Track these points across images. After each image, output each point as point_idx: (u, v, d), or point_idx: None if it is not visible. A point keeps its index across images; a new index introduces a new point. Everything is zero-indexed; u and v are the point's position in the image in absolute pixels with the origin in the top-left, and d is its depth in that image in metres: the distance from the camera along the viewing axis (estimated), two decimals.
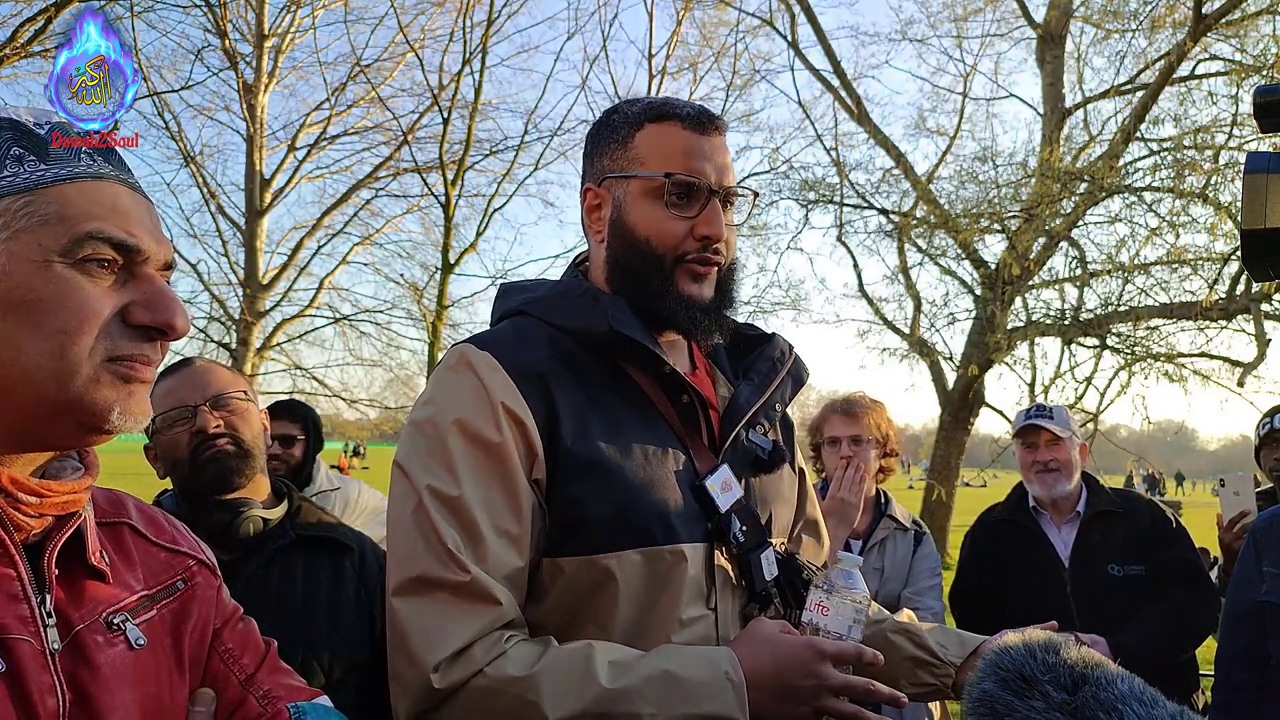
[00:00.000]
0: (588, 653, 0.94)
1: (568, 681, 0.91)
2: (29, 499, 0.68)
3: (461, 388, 1.02)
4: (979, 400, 9.98)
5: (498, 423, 0.99)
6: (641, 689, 0.91)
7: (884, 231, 11.13)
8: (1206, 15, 7.81)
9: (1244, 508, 2.51)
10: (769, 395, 1.17)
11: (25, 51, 6.57)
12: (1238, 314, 7.93)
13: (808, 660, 0.96)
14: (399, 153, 12.12)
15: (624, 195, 1.10)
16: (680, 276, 1.09)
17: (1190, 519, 2.89)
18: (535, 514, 1.00)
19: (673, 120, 1.10)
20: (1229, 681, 1.91)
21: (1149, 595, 2.33)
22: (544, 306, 1.12)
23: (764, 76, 12.80)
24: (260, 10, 11.40)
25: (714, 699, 0.93)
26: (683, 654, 0.97)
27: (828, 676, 0.96)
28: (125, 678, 0.73)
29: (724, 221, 1.09)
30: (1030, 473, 2.51)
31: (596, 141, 1.16)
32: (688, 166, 1.07)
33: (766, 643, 0.99)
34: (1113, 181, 8.35)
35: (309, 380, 12.26)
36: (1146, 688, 0.67)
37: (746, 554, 1.07)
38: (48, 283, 0.67)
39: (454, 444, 0.99)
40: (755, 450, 1.15)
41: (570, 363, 1.07)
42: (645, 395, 1.09)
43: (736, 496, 1.08)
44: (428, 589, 0.94)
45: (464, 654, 0.92)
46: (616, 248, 1.11)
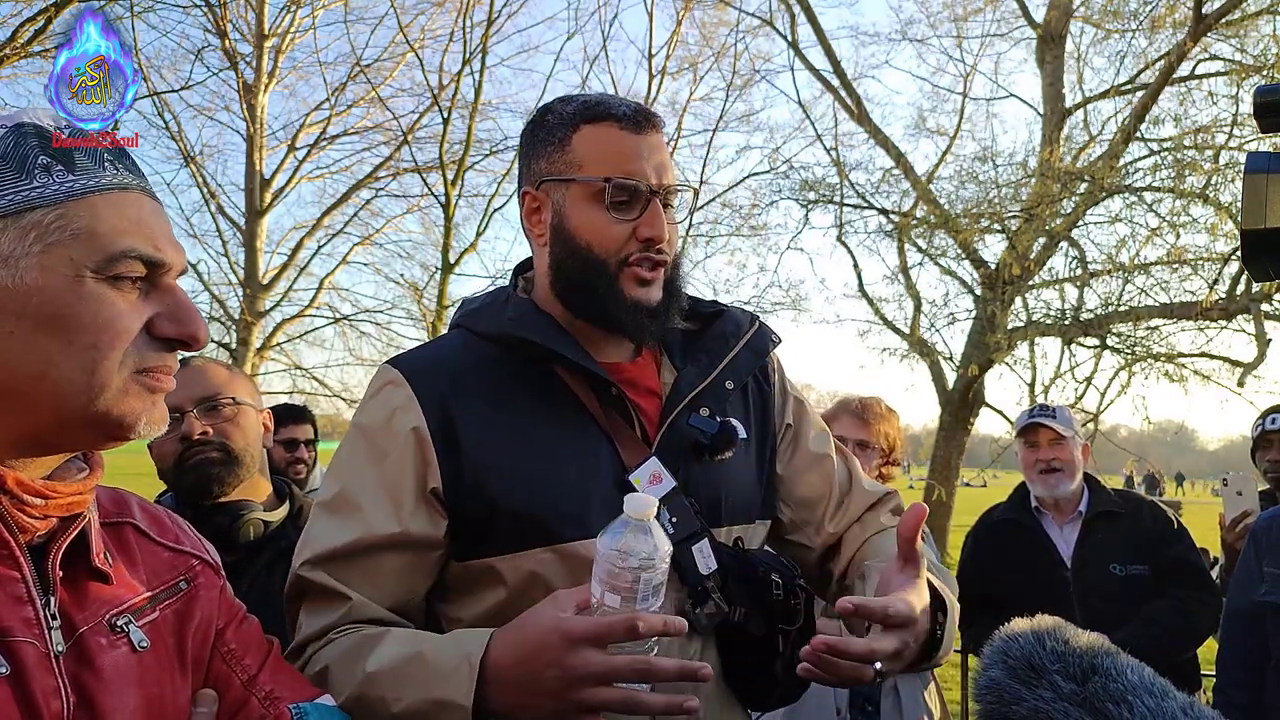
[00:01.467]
0: (379, 639, 0.95)
1: (347, 668, 0.94)
2: (34, 500, 0.69)
3: (373, 404, 1.08)
4: (979, 400, 9.98)
5: (393, 435, 1.04)
6: (391, 671, 0.90)
7: (884, 231, 11.14)
8: (1206, 15, 7.81)
9: (1246, 507, 2.50)
10: (716, 375, 1.13)
11: (25, 51, 6.57)
12: (1238, 314, 7.93)
13: (551, 647, 0.82)
14: (399, 153, 12.12)
15: (563, 199, 1.09)
16: (625, 280, 1.07)
17: (1189, 519, 2.89)
18: (427, 520, 1.03)
19: (609, 121, 1.08)
20: (1230, 681, 1.91)
21: (1151, 595, 2.33)
22: (472, 318, 1.15)
23: (764, 76, 12.79)
24: (260, 10, 11.40)
25: (446, 684, 0.86)
26: (449, 637, 0.96)
27: (577, 664, 0.81)
28: (128, 680, 0.73)
29: (665, 221, 1.08)
30: (1033, 472, 2.50)
31: (532, 143, 1.14)
32: (626, 169, 1.06)
33: (519, 625, 0.87)
34: (1113, 181, 8.36)
35: (309, 380, 12.26)
36: (1156, 678, 0.67)
37: (677, 546, 1.00)
38: (80, 298, 0.67)
39: (348, 453, 1.07)
40: (696, 435, 1.09)
41: (492, 372, 1.08)
42: (573, 394, 1.09)
43: (668, 489, 1.05)
44: (295, 597, 1.04)
45: (299, 649, 1.00)
46: (559, 253, 1.10)
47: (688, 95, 13.14)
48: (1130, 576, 2.36)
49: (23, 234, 0.66)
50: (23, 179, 0.67)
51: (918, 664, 0.97)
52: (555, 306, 1.12)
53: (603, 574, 0.83)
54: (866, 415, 2.37)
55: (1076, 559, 2.41)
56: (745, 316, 1.21)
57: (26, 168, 0.67)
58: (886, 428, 2.38)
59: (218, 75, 11.28)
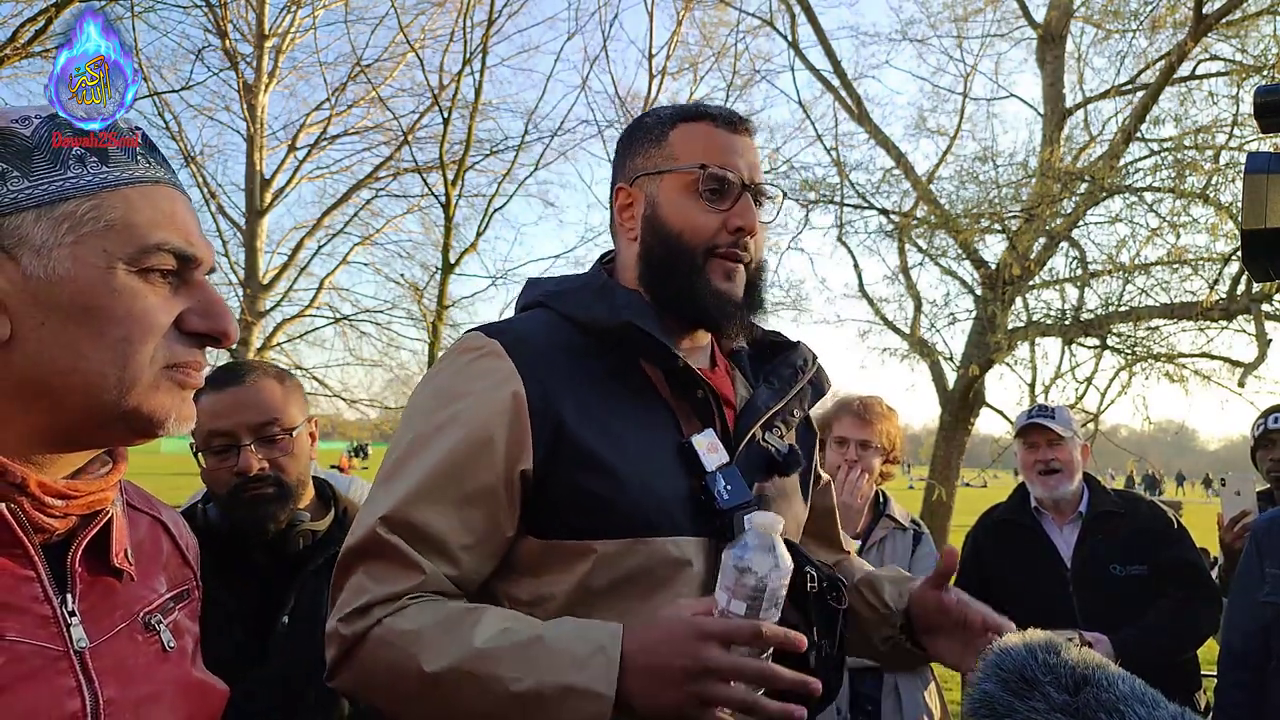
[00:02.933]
0: (479, 614, 0.95)
1: (447, 638, 0.93)
2: (55, 502, 0.68)
3: (466, 371, 1.05)
4: (979, 400, 9.98)
5: (493, 409, 1.02)
6: (511, 651, 0.91)
7: (884, 231, 11.13)
8: (1207, 15, 7.81)
9: (1245, 507, 2.51)
10: (788, 400, 1.18)
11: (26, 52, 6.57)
12: (1238, 314, 7.92)
13: (683, 639, 0.87)
14: (399, 153, 12.12)
15: (657, 191, 1.13)
16: (712, 269, 1.10)
17: (1188, 519, 2.89)
18: (503, 500, 1.02)
19: (705, 120, 1.13)
20: (1230, 681, 1.90)
21: (1151, 595, 2.33)
22: (561, 299, 1.14)
23: (764, 77, 12.80)
24: (260, 10, 11.40)
25: (582, 671, 0.88)
26: (570, 625, 0.95)
27: (707, 658, 0.86)
28: (165, 675, 0.74)
29: (756, 216, 1.11)
30: (1032, 473, 2.50)
31: (629, 143, 1.18)
32: (721, 160, 1.11)
33: (655, 622, 0.92)
34: (1113, 182, 8.35)
35: (309, 380, 12.26)
36: (1148, 689, 0.67)
37: (728, 513, 1.04)
38: (112, 290, 0.67)
39: (435, 420, 1.03)
40: (770, 452, 1.14)
41: (579, 355, 1.08)
42: (656, 390, 1.10)
43: (723, 460, 1.08)
44: (360, 554, 1.01)
45: (365, 610, 0.98)
46: (650, 243, 1.13)
47: (688, 95, 13.15)
48: (1130, 577, 2.36)
49: (55, 224, 0.66)
50: (56, 169, 0.67)
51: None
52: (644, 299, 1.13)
53: (729, 583, 0.89)
54: (868, 415, 2.38)
55: (1076, 559, 2.41)
56: (810, 353, 1.26)
57: (61, 158, 0.67)
58: (888, 427, 2.39)
59: (218, 75, 11.28)
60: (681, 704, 0.87)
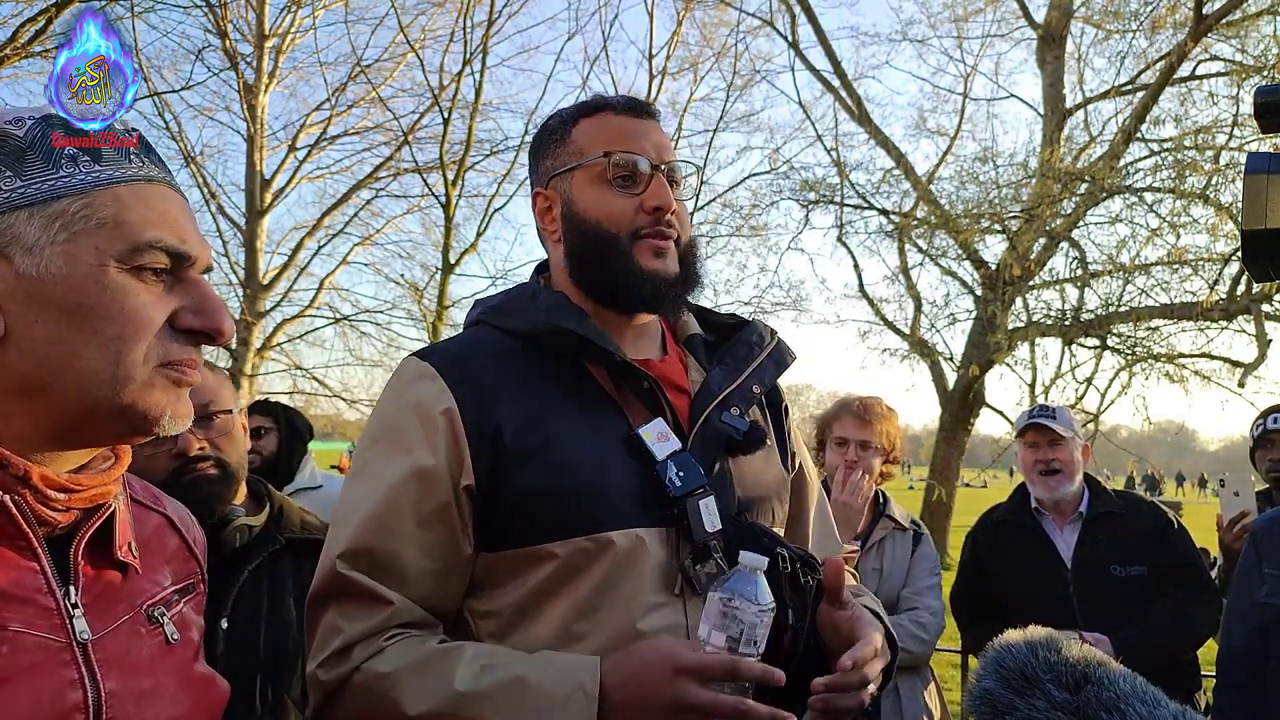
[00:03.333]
0: (457, 654, 0.95)
1: (425, 680, 0.93)
2: (58, 495, 0.69)
3: (402, 399, 1.06)
4: (979, 401, 9.98)
5: (430, 433, 1.02)
6: (492, 694, 0.91)
7: (884, 232, 11.14)
8: (1207, 16, 7.81)
9: (1244, 508, 2.50)
10: (744, 378, 1.16)
11: (26, 52, 6.57)
12: (1238, 314, 7.93)
13: (660, 674, 0.89)
14: (399, 153, 12.12)
15: (570, 188, 1.13)
16: (639, 252, 1.09)
17: (1187, 520, 2.88)
18: (456, 520, 1.02)
19: (605, 111, 1.14)
20: (1230, 682, 1.90)
21: (1151, 596, 2.32)
22: (496, 313, 1.15)
23: (764, 77, 12.80)
24: (261, 10, 11.40)
25: (564, 710, 0.89)
26: (549, 662, 0.95)
27: (684, 694, 0.87)
28: (167, 667, 0.74)
29: (671, 195, 1.10)
30: (1033, 473, 2.50)
31: (537, 148, 1.19)
32: (625, 146, 1.10)
33: (633, 653, 0.93)
34: (1113, 182, 8.35)
35: (309, 380, 12.27)
36: (1149, 687, 0.66)
37: (682, 499, 1.03)
38: (104, 288, 0.67)
39: (379, 452, 1.05)
40: (729, 431, 1.11)
41: (516, 364, 1.08)
42: (601, 387, 1.10)
43: (674, 447, 1.06)
44: (326, 596, 1.01)
45: (344, 653, 0.97)
46: (572, 239, 1.13)
47: (688, 96, 13.14)
48: (1130, 577, 2.35)
49: (48, 223, 0.66)
50: (49, 169, 0.67)
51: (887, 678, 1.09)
52: (578, 298, 1.13)
53: (712, 616, 0.90)
54: (868, 415, 2.37)
55: (1077, 560, 2.40)
56: (767, 329, 1.24)
57: (53, 158, 0.67)
58: (888, 427, 2.39)
59: (218, 75, 11.29)
60: None
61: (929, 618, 2.31)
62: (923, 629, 2.29)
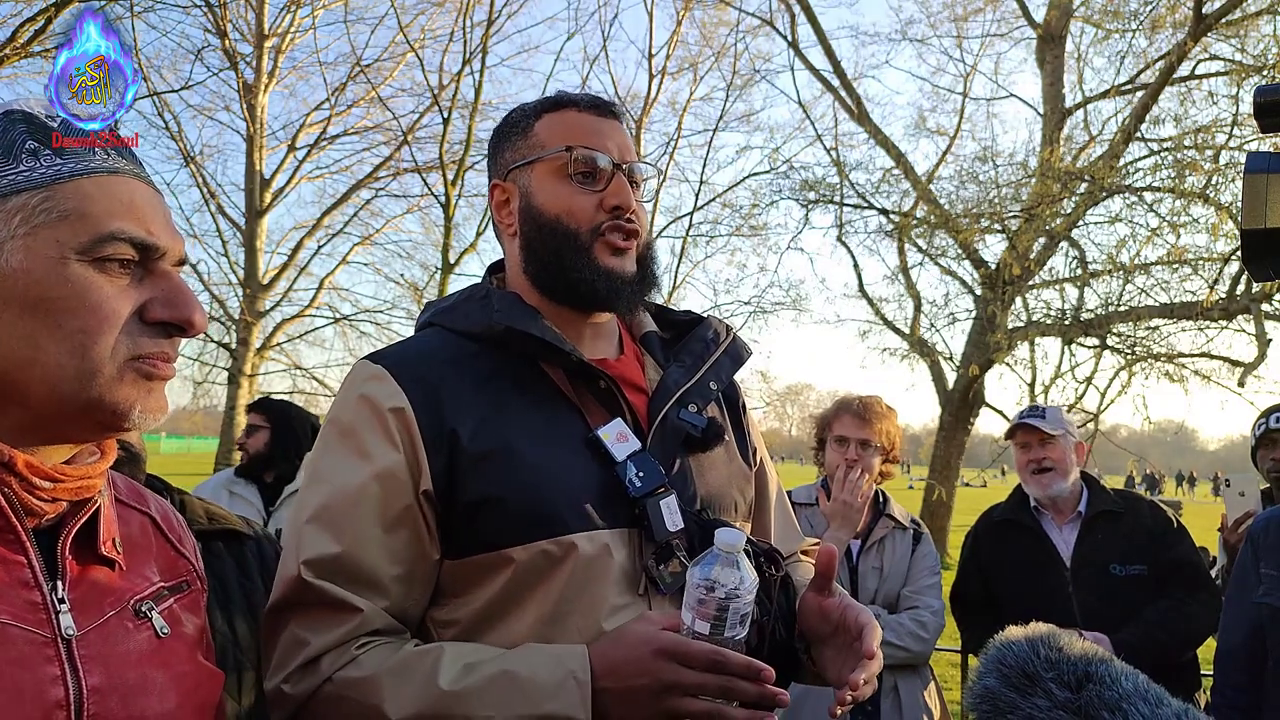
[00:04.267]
0: (437, 654, 0.94)
1: (409, 683, 0.91)
2: (43, 484, 0.68)
3: (354, 402, 1.04)
4: (979, 400, 9.98)
5: (385, 434, 1.00)
6: (481, 689, 0.90)
7: (884, 231, 11.13)
8: (1207, 15, 7.81)
9: (1249, 508, 2.50)
10: (701, 375, 1.15)
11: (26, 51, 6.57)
12: (1238, 314, 7.92)
13: (643, 658, 0.89)
14: (399, 153, 12.13)
15: (530, 181, 1.11)
16: (598, 250, 1.08)
17: (1187, 519, 2.89)
18: (419, 523, 1.00)
19: (569, 107, 1.12)
20: (1228, 681, 1.90)
21: (1151, 595, 2.32)
22: (447, 315, 1.13)
23: (764, 76, 12.83)
24: (260, 10, 11.40)
25: (555, 699, 0.89)
26: (534, 654, 0.94)
27: (667, 675, 0.88)
28: (153, 664, 0.73)
29: (632, 194, 1.10)
30: (1026, 473, 2.50)
31: (498, 140, 1.17)
32: (587, 142, 1.09)
33: (618, 639, 0.93)
34: (1113, 181, 8.35)
35: (309, 380, 12.27)
36: (1151, 685, 0.65)
37: (642, 500, 1.02)
38: (65, 281, 0.66)
39: (335, 457, 1.02)
40: (686, 428, 1.11)
41: (470, 366, 1.06)
42: (558, 388, 1.08)
43: (634, 447, 1.05)
44: (288, 607, 0.98)
45: (312, 664, 0.95)
46: (529, 234, 1.11)
47: (688, 95, 13.16)
48: (1130, 577, 2.35)
49: (7, 218, 0.66)
50: (9, 164, 0.67)
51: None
52: (533, 296, 1.11)
53: (693, 602, 0.90)
54: (867, 414, 2.38)
55: (1076, 559, 2.41)
56: (723, 325, 1.23)
57: (13, 153, 0.67)
58: (887, 426, 2.39)
59: (218, 75, 11.30)
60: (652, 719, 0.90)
61: (929, 617, 2.32)
62: (923, 628, 2.29)
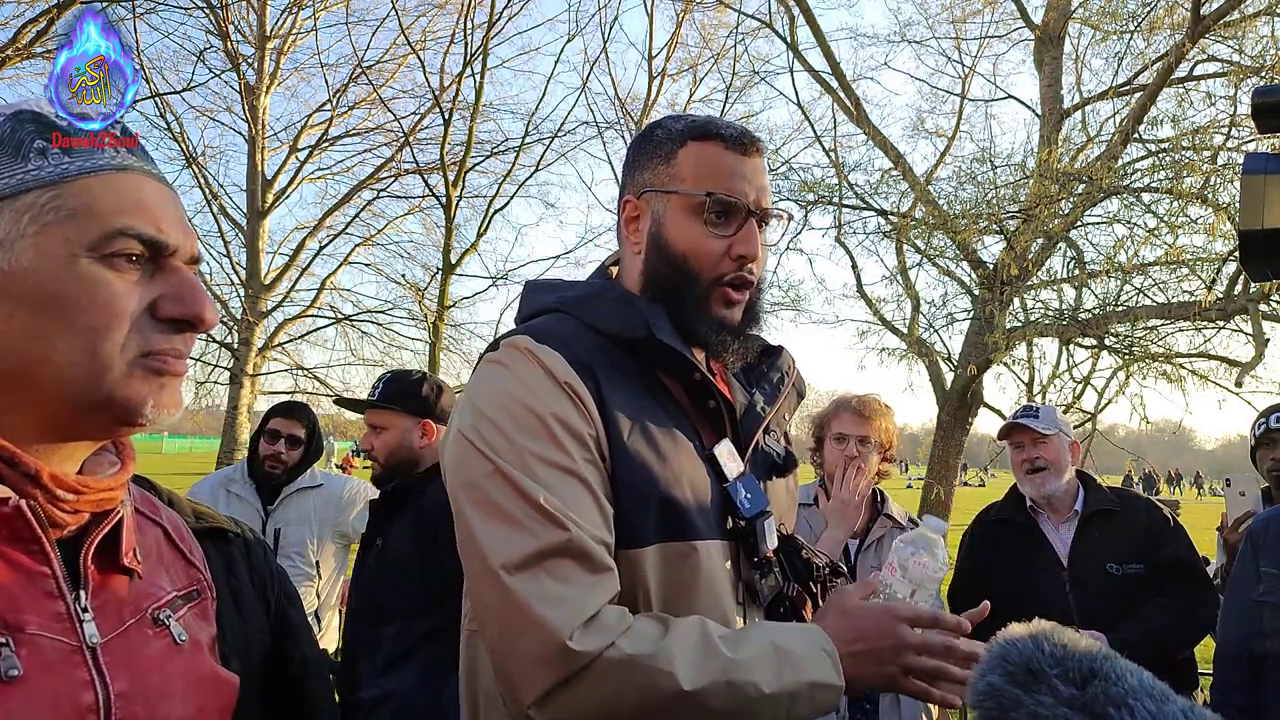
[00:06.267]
0: (702, 628, 0.98)
1: (695, 653, 0.95)
2: (68, 496, 0.69)
3: (530, 375, 1.02)
4: (977, 400, 9.98)
5: (578, 411, 1.01)
6: (758, 659, 0.97)
7: (883, 232, 11.14)
8: (1205, 16, 7.82)
9: (1249, 508, 2.50)
10: (779, 405, 1.23)
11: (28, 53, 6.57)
12: (1236, 314, 7.93)
13: (884, 623, 1.05)
14: (400, 154, 12.13)
15: (664, 210, 1.13)
16: (715, 299, 1.12)
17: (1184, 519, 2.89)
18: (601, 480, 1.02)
19: (715, 140, 1.13)
20: (1228, 680, 1.91)
21: (1148, 594, 2.33)
22: (579, 306, 1.14)
23: (763, 78, 12.80)
24: (262, 12, 11.40)
25: (818, 668, 1.00)
26: (780, 629, 1.04)
27: (905, 636, 1.04)
28: (174, 670, 0.75)
29: (760, 242, 1.13)
30: (1020, 473, 2.51)
31: (639, 155, 1.18)
32: (728, 186, 1.11)
33: (849, 613, 1.08)
34: (1111, 182, 8.36)
35: (310, 380, 12.27)
36: (1156, 682, 0.65)
37: (751, 520, 1.11)
38: (76, 279, 0.66)
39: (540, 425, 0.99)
40: (773, 456, 1.21)
41: (613, 361, 1.10)
42: (675, 399, 1.14)
43: (740, 469, 1.13)
44: (543, 559, 0.93)
45: (596, 620, 0.92)
46: (654, 261, 1.14)
47: (688, 97, 13.17)
48: (1127, 576, 2.36)
49: (17, 216, 0.66)
50: (18, 162, 0.67)
51: None
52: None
53: (898, 568, 1.12)
54: (867, 411, 2.39)
55: (1073, 558, 2.41)
56: (791, 358, 1.30)
57: (22, 152, 0.67)
58: (885, 423, 2.40)
59: (220, 77, 11.30)
60: (890, 676, 1.05)
61: None
62: None
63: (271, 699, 1.30)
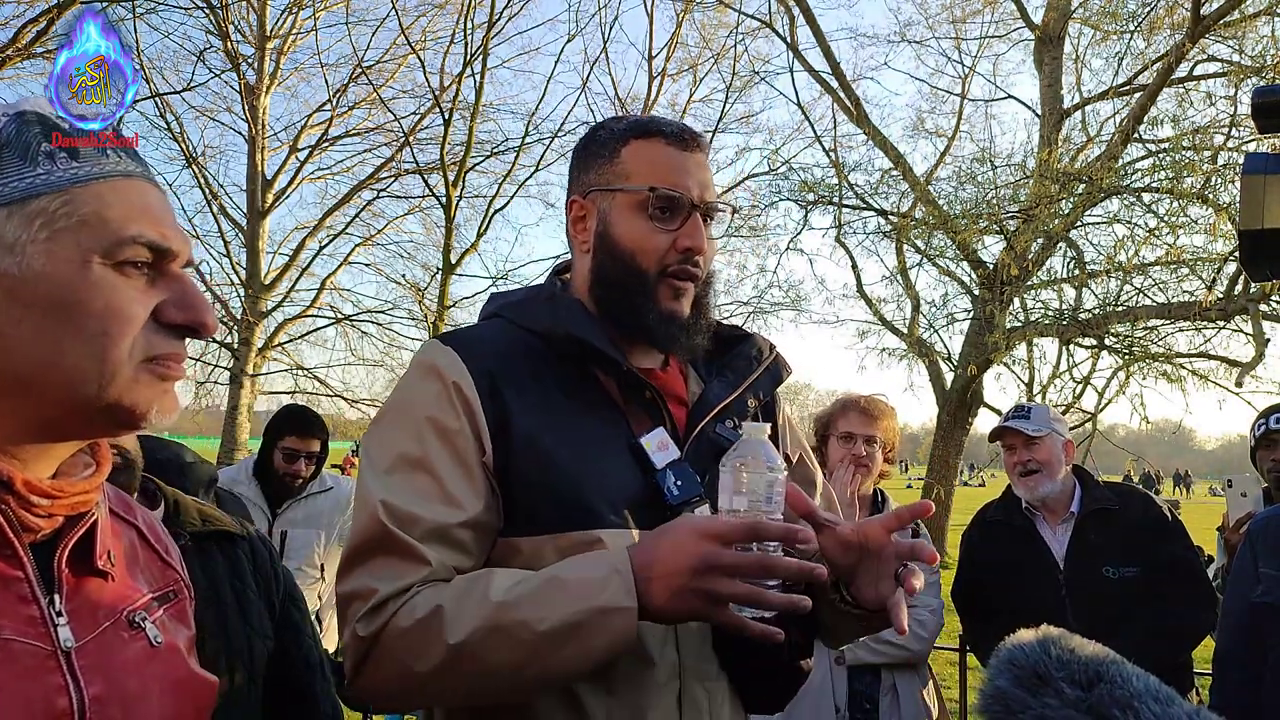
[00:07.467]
0: (487, 577, 0.97)
1: (463, 605, 0.94)
2: (41, 501, 0.69)
3: (423, 374, 1.09)
4: (977, 400, 9.99)
5: (450, 403, 1.05)
6: (528, 597, 0.93)
7: (883, 232, 11.15)
8: (1205, 16, 7.82)
9: (1250, 509, 2.49)
10: (741, 391, 1.20)
11: (28, 53, 6.58)
12: (1236, 314, 7.93)
13: (681, 540, 0.91)
14: (400, 154, 12.14)
15: (609, 208, 1.15)
16: (661, 291, 1.13)
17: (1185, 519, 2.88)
18: (486, 492, 1.04)
19: (657, 136, 1.15)
20: (1226, 681, 1.91)
21: (1145, 597, 2.29)
22: (514, 310, 1.18)
23: (763, 78, 12.82)
24: (262, 12, 11.41)
25: (604, 592, 0.92)
26: (578, 560, 0.98)
27: (711, 556, 0.89)
28: (150, 673, 0.74)
29: (705, 235, 1.13)
30: (1014, 475, 2.48)
31: (583, 156, 1.20)
32: (671, 181, 1.12)
33: (659, 532, 0.96)
34: (1111, 182, 8.36)
35: (310, 380, 12.28)
36: (1162, 685, 0.66)
37: (678, 509, 1.07)
38: (89, 285, 0.67)
39: (407, 418, 1.07)
40: (723, 443, 1.15)
41: (532, 361, 1.11)
42: (607, 394, 1.13)
43: (673, 456, 1.10)
44: (361, 554, 1.01)
45: (381, 607, 0.98)
46: (601, 259, 1.15)
47: (688, 97, 13.19)
48: (1124, 579, 2.31)
49: (28, 221, 0.66)
50: (27, 166, 0.67)
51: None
52: (595, 309, 1.16)
53: (729, 483, 0.94)
54: (874, 411, 2.40)
55: (1070, 560, 2.37)
56: (766, 343, 1.28)
57: (30, 155, 0.67)
58: (890, 423, 2.42)
59: (220, 77, 11.31)
60: (694, 603, 0.91)
61: (927, 615, 2.32)
62: (921, 626, 2.29)
63: (274, 699, 1.30)
